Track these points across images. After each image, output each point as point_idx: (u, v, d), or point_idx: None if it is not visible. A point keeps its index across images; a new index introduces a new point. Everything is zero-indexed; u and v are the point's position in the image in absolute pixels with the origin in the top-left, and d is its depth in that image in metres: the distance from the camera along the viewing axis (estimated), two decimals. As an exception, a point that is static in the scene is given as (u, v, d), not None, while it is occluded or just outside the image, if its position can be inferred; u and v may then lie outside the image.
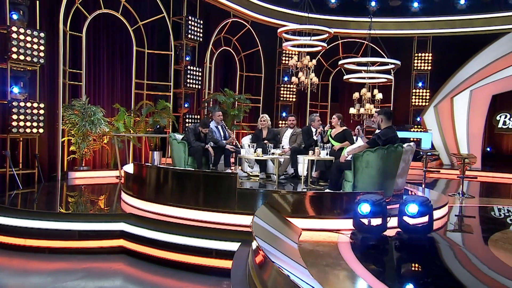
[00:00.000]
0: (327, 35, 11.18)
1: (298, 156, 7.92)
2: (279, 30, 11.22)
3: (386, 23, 14.81)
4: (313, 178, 7.68)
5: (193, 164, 7.76)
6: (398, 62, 12.17)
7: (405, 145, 6.25)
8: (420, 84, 15.81)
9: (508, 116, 15.86)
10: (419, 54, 15.65)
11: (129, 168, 6.78)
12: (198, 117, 12.02)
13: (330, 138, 7.89)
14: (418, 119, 15.58)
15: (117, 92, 10.79)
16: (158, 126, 10.42)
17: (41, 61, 8.04)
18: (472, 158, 8.84)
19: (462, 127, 14.13)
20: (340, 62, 12.92)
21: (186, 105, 11.67)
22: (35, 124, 7.94)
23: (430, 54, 15.60)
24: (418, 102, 15.72)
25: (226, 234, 4.89)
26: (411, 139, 13.39)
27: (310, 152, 7.19)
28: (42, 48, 8.00)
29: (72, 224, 5.41)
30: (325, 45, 11.54)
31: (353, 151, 6.00)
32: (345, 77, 13.41)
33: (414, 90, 15.81)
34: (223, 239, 4.76)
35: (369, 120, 13.70)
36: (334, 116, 8.09)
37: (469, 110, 13.97)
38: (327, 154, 7.10)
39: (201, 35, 11.72)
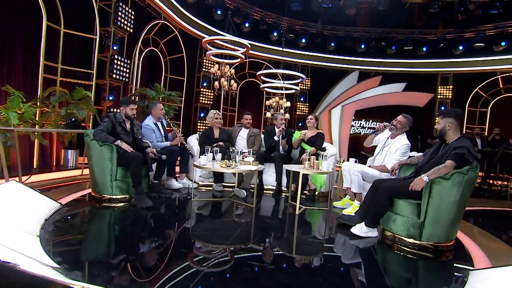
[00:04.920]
0: (245, 49, 7.80)
1: (286, 167, 3.82)
2: (204, 40, 7.61)
3: (281, 51, 11.49)
4: (291, 192, 3.68)
5: (126, 178, 3.09)
6: (304, 76, 9.03)
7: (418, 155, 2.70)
8: (302, 99, 12.91)
9: (356, 125, 13.86)
10: (302, 78, 12.77)
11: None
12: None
13: (303, 143, 3.97)
14: (300, 124, 12.81)
15: (17, 74, 5.16)
16: (73, 119, 5.11)
17: None
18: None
19: (336, 132, 11.92)
20: (258, 73, 9.17)
21: (110, 98, 6.48)
22: None
23: (309, 79, 12.85)
24: (300, 112, 12.82)
25: None
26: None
27: (306, 163, 3.14)
28: None
29: None
30: (243, 57, 7.99)
31: (434, 174, 2.13)
32: (261, 86, 9.74)
33: (297, 103, 12.85)
34: None
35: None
36: (311, 117, 4.15)
37: (341, 120, 11.72)
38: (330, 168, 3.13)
39: (131, 25, 6.63)
